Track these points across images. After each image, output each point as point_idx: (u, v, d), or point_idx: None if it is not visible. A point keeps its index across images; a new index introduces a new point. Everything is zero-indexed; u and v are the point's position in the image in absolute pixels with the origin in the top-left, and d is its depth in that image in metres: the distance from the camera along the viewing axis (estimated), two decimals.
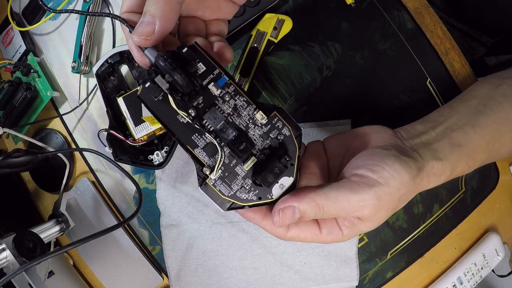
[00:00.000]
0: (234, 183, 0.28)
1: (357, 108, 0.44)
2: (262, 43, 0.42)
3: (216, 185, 0.28)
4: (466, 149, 0.32)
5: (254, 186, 0.29)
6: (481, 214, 0.47)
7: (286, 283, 0.44)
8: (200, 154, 0.28)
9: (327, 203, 0.27)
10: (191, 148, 0.28)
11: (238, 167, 0.28)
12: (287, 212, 0.27)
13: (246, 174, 0.28)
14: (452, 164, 0.31)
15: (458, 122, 0.33)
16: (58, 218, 0.44)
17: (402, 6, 0.44)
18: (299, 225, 0.30)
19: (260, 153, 0.29)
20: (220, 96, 0.28)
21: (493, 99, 0.35)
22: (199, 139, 0.28)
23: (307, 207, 0.27)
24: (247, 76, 0.42)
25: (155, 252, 0.46)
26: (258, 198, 0.29)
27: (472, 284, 0.47)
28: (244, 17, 0.42)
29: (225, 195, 0.28)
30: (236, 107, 0.28)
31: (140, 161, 0.41)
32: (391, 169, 0.28)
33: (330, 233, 0.30)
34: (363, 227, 0.30)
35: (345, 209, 0.28)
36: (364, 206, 0.27)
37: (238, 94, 0.28)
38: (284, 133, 0.29)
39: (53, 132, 0.47)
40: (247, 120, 0.28)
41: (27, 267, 0.32)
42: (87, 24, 0.44)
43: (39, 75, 0.45)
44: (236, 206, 0.28)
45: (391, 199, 0.28)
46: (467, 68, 0.45)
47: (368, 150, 0.30)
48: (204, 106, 0.28)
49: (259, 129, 0.29)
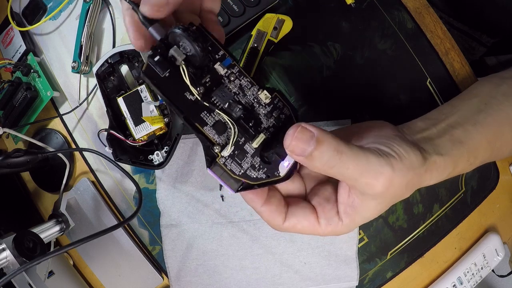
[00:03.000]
0: (244, 161, 0.28)
1: (357, 108, 0.44)
2: (262, 43, 0.42)
3: (227, 164, 0.27)
4: (467, 146, 0.32)
5: (263, 164, 0.28)
6: (481, 214, 0.47)
7: (286, 283, 0.44)
8: (209, 132, 0.27)
9: (347, 151, 0.25)
10: (200, 126, 0.27)
11: (247, 145, 0.28)
12: (304, 133, 0.25)
13: (255, 151, 0.28)
14: (453, 160, 0.31)
15: (459, 120, 0.33)
16: (58, 218, 0.44)
17: (402, 6, 0.44)
18: (296, 213, 0.30)
19: (266, 131, 0.29)
20: (226, 75, 0.28)
21: (494, 98, 0.35)
22: (208, 117, 0.28)
23: (325, 143, 0.25)
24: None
25: (155, 252, 0.46)
26: (267, 176, 0.28)
27: (472, 284, 0.47)
28: (244, 17, 0.42)
29: (236, 174, 0.28)
30: (242, 86, 0.29)
31: (140, 161, 0.41)
32: (401, 148, 0.28)
33: (328, 224, 0.30)
34: (364, 212, 0.29)
35: (363, 169, 0.26)
36: (381, 174, 0.26)
37: (242, 74, 0.29)
38: (285, 112, 0.29)
39: (53, 132, 0.47)
40: (252, 99, 0.29)
41: (27, 267, 0.32)
42: (87, 24, 0.44)
43: (39, 75, 0.45)
44: (246, 186, 0.28)
45: (402, 176, 0.27)
46: (467, 68, 0.45)
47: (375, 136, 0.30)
48: (211, 85, 0.28)
49: (263, 108, 0.29)
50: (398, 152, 0.27)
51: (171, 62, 0.26)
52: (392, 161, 0.26)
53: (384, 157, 0.26)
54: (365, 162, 0.26)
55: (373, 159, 0.26)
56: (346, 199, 0.29)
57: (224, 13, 0.42)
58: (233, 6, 0.42)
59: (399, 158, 0.27)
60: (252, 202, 0.30)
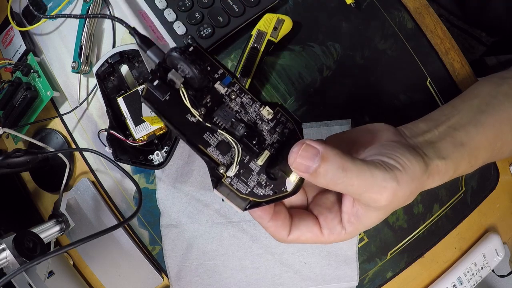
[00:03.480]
0: (250, 180, 0.28)
1: (357, 108, 0.44)
2: (262, 43, 0.42)
3: (233, 184, 0.28)
4: (469, 148, 0.32)
5: (269, 180, 0.28)
6: (481, 214, 0.47)
7: (286, 283, 0.44)
8: (213, 152, 0.28)
9: (352, 168, 0.25)
10: (204, 147, 0.27)
11: (252, 163, 0.28)
12: (308, 150, 0.25)
13: (260, 169, 0.28)
14: (455, 163, 0.31)
15: (461, 121, 0.33)
16: (58, 218, 0.44)
17: (402, 6, 0.44)
18: (299, 226, 0.30)
19: (271, 148, 0.29)
20: (227, 94, 0.29)
21: (495, 98, 0.35)
22: (211, 138, 0.28)
23: (330, 160, 0.25)
24: (247, 76, 0.42)
25: (155, 252, 0.46)
26: (274, 192, 0.28)
27: (472, 284, 0.47)
28: (244, 17, 0.42)
29: (243, 193, 0.28)
30: (243, 104, 0.29)
31: (140, 161, 0.41)
32: (405, 158, 0.27)
33: (331, 233, 0.30)
34: (368, 221, 0.29)
35: (367, 184, 0.26)
36: (385, 188, 0.26)
37: (243, 92, 0.29)
38: (288, 127, 0.30)
39: (53, 132, 0.47)
40: (254, 116, 0.29)
41: (27, 267, 0.32)
42: (87, 24, 0.44)
43: (39, 75, 0.45)
44: (253, 204, 0.28)
45: (406, 187, 0.27)
46: (467, 68, 0.45)
47: (377, 144, 0.30)
48: (212, 105, 0.28)
49: (266, 124, 0.29)
50: (402, 163, 0.27)
51: (171, 85, 0.26)
52: (397, 174, 0.26)
53: (389, 171, 0.26)
54: (370, 177, 0.26)
55: (378, 174, 0.26)
56: (350, 209, 0.29)
57: (224, 13, 0.42)
58: (233, 6, 0.42)
59: (403, 169, 0.27)
60: (259, 219, 0.29)
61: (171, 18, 0.42)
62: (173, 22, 0.42)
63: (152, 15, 0.43)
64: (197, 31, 0.42)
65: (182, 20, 0.42)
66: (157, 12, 0.43)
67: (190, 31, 0.42)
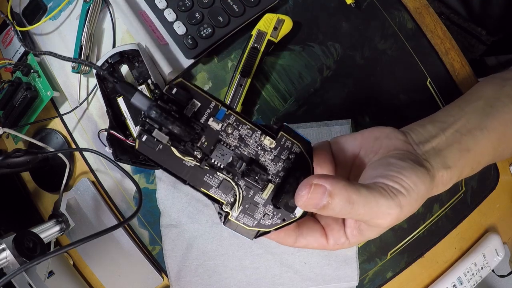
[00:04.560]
0: (256, 213, 0.28)
1: (357, 108, 0.44)
2: (262, 43, 0.42)
3: (239, 219, 0.28)
4: (474, 153, 0.32)
5: (276, 210, 0.28)
6: (481, 214, 0.47)
7: (286, 283, 0.44)
8: (216, 193, 0.28)
9: (358, 200, 0.25)
10: (206, 190, 0.28)
11: (257, 197, 0.28)
12: (317, 191, 0.25)
13: (266, 201, 0.28)
14: (459, 170, 0.31)
15: (467, 125, 0.33)
16: (58, 218, 0.44)
17: (402, 6, 0.44)
18: (306, 237, 0.30)
19: (275, 177, 0.28)
20: (223, 130, 0.27)
21: (498, 100, 0.35)
22: (211, 179, 0.28)
23: (338, 196, 0.25)
24: (247, 76, 0.42)
25: (155, 252, 0.46)
26: (282, 220, 0.29)
27: (472, 284, 0.47)
28: (244, 17, 0.42)
29: (250, 226, 0.28)
30: (242, 137, 0.28)
31: (140, 161, 0.41)
32: (410, 181, 0.27)
33: (336, 243, 0.30)
34: (370, 234, 0.30)
35: (372, 213, 0.26)
36: (389, 215, 0.26)
37: (240, 123, 0.27)
38: (294, 151, 0.28)
39: (53, 132, 0.47)
40: (255, 148, 0.28)
41: (27, 267, 0.32)
42: (87, 24, 0.44)
43: (39, 75, 0.45)
44: (262, 233, 0.29)
45: (409, 209, 0.28)
46: (467, 68, 0.45)
47: (383, 161, 0.30)
48: (208, 145, 0.27)
49: (269, 153, 0.28)
50: (407, 186, 0.27)
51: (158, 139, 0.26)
52: (401, 199, 0.27)
53: (394, 198, 0.26)
54: (375, 206, 0.26)
55: (382, 202, 0.26)
56: (353, 224, 0.30)
57: (224, 13, 0.42)
58: (233, 6, 0.42)
59: (408, 194, 0.27)
60: None
61: (171, 18, 0.42)
62: (173, 22, 0.42)
63: (152, 15, 0.43)
64: (197, 31, 0.42)
65: (182, 20, 0.42)
66: (157, 12, 0.43)
67: (190, 31, 0.42)
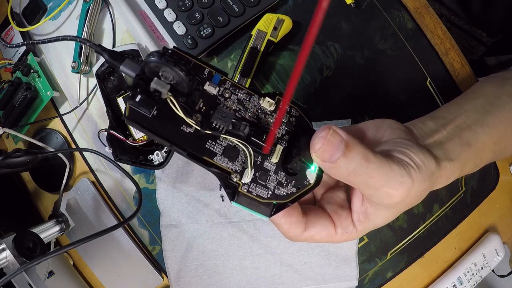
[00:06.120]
0: (269, 181, 0.25)
1: (357, 108, 0.44)
2: (262, 43, 0.42)
3: (252, 190, 0.25)
4: (475, 148, 0.32)
5: (289, 177, 0.26)
6: (481, 214, 0.47)
7: (286, 283, 0.44)
8: (222, 161, 0.25)
9: (374, 159, 0.24)
10: (210, 158, 0.25)
11: (266, 162, 0.25)
12: (335, 138, 0.24)
13: (276, 167, 0.26)
14: (461, 164, 0.31)
15: (467, 121, 0.33)
16: (58, 218, 0.44)
17: (402, 6, 0.44)
18: (316, 224, 0.29)
19: (281, 140, 0.26)
20: (220, 94, 0.26)
21: (499, 99, 0.35)
22: (214, 146, 0.25)
23: (354, 149, 0.24)
24: (247, 76, 0.42)
25: (155, 252, 0.46)
26: (297, 188, 0.26)
27: (472, 284, 0.47)
28: (244, 17, 0.42)
29: (265, 198, 0.25)
30: (240, 100, 0.26)
31: (140, 161, 0.41)
32: (418, 157, 0.27)
33: (344, 232, 0.29)
34: (376, 219, 0.29)
35: (386, 178, 0.25)
36: (401, 183, 0.25)
37: (236, 88, 0.26)
38: (294, 114, 0.27)
39: (53, 132, 0.47)
40: (255, 111, 0.26)
41: (27, 267, 0.32)
42: (87, 24, 0.44)
43: (39, 75, 0.45)
44: (278, 207, 0.25)
45: (419, 186, 0.27)
46: (467, 68, 0.45)
47: (389, 141, 0.29)
48: (207, 109, 0.25)
49: (270, 116, 0.27)
50: (416, 162, 0.27)
51: (156, 96, 0.23)
52: (412, 172, 0.26)
53: (405, 168, 0.26)
54: (389, 171, 0.25)
55: (396, 169, 0.25)
56: (359, 207, 0.29)
57: (224, 13, 0.42)
58: (233, 6, 0.42)
59: (418, 168, 0.26)
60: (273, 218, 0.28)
61: (171, 18, 0.42)
62: (173, 22, 0.42)
63: (152, 15, 0.43)
64: (197, 31, 0.42)
65: (182, 20, 0.42)
66: (157, 12, 0.43)
67: (190, 31, 0.42)
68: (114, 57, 0.24)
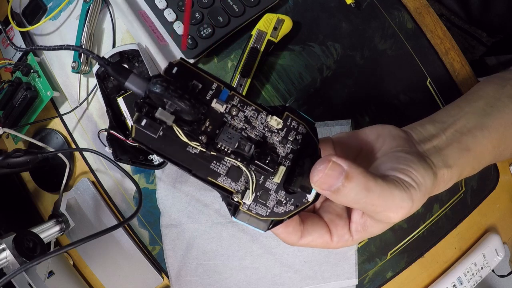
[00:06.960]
0: (269, 200, 0.26)
1: (357, 108, 0.44)
2: (262, 43, 0.42)
3: (252, 209, 0.26)
4: (474, 153, 0.32)
5: (289, 195, 0.27)
6: (481, 214, 0.47)
7: (286, 283, 0.44)
8: (225, 182, 0.25)
9: (375, 188, 0.24)
10: (214, 179, 0.25)
11: (268, 182, 0.26)
12: (335, 169, 0.24)
13: (278, 186, 0.26)
14: (460, 169, 0.31)
15: (467, 125, 0.33)
16: (58, 218, 0.44)
17: (402, 6, 0.44)
18: (312, 232, 0.30)
19: (285, 160, 0.27)
20: (227, 112, 0.26)
21: (499, 100, 0.35)
22: (219, 166, 0.25)
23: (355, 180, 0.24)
24: (247, 76, 0.42)
25: (155, 252, 0.46)
26: (295, 206, 0.27)
27: (472, 284, 0.47)
28: (244, 17, 0.42)
29: (264, 216, 0.26)
30: (247, 118, 0.26)
31: (140, 161, 0.41)
32: (419, 174, 0.27)
33: (340, 240, 0.30)
34: (374, 231, 0.29)
35: (386, 204, 0.25)
36: (401, 208, 0.26)
37: (245, 104, 0.26)
38: (301, 131, 0.27)
39: (53, 132, 0.47)
40: (262, 129, 0.26)
41: (27, 267, 0.32)
42: (87, 24, 0.44)
43: (39, 75, 0.45)
44: (276, 223, 0.27)
45: (418, 204, 0.27)
46: (467, 68, 0.45)
47: (390, 155, 0.29)
48: (213, 128, 0.25)
49: (277, 135, 0.27)
50: (417, 180, 0.27)
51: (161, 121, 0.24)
52: (413, 193, 0.26)
53: (406, 191, 0.26)
54: (389, 198, 0.25)
55: (397, 194, 0.25)
56: (358, 219, 0.30)
57: (224, 13, 0.42)
58: (233, 6, 0.42)
59: (418, 187, 0.27)
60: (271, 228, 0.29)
61: (171, 18, 0.42)
62: (173, 22, 0.42)
63: (152, 15, 0.43)
64: (197, 31, 0.42)
65: (182, 20, 0.42)
66: (157, 12, 0.43)
67: (190, 31, 0.42)
68: (118, 72, 0.24)
